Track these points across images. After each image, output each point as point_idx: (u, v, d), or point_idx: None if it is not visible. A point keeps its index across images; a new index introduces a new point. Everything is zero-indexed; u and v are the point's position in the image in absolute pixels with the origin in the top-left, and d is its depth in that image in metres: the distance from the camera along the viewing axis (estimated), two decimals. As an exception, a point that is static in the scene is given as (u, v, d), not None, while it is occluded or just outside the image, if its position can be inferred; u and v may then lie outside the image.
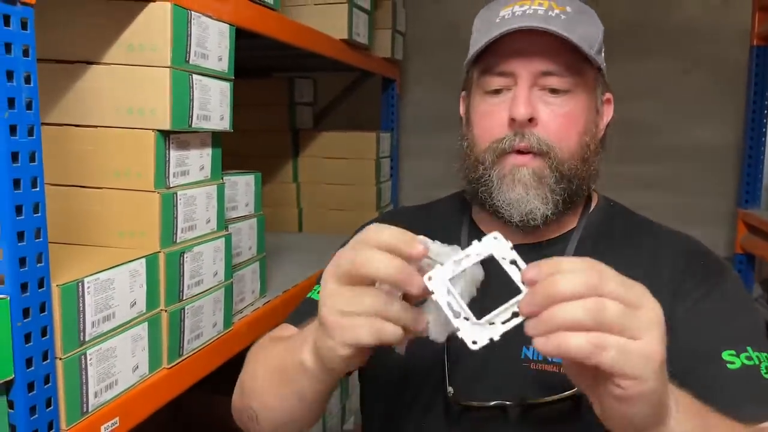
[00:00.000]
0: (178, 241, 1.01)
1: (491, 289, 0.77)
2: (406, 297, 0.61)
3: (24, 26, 0.71)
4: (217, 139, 1.11)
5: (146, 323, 0.94)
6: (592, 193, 0.96)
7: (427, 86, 2.56)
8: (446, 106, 2.54)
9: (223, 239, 1.13)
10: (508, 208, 0.84)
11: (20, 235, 0.71)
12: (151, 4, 0.93)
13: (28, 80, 0.71)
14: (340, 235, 2.15)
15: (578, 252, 0.88)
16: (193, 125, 1.01)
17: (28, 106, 0.72)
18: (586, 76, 0.85)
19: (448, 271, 0.58)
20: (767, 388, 0.74)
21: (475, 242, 0.59)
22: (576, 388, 0.78)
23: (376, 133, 2.19)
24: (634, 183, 2.36)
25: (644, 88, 2.38)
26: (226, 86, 1.10)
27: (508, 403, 0.80)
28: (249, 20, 1.19)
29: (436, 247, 0.61)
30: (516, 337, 0.82)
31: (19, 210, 0.71)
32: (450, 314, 0.57)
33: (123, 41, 0.94)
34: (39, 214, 0.74)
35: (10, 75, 0.69)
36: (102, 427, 0.85)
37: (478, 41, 0.85)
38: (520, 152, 0.83)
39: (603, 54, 0.89)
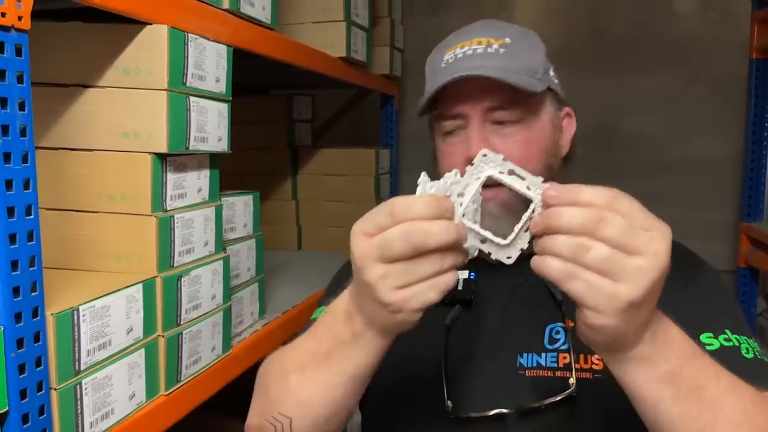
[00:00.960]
0: (175, 264, 1.00)
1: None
2: None
3: (18, 53, 0.70)
4: (215, 160, 1.10)
5: (143, 350, 0.92)
6: None
7: (425, 102, 2.55)
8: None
9: (222, 262, 1.12)
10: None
11: (14, 264, 0.70)
12: (148, 27, 0.92)
13: (22, 107, 0.70)
14: (340, 252, 2.15)
15: None
16: (190, 147, 1.00)
17: (23, 133, 0.71)
18: (533, 102, 0.88)
19: (467, 206, 0.63)
20: (749, 367, 0.74)
21: (468, 167, 0.63)
22: (571, 389, 0.81)
23: (376, 150, 2.19)
24: (635, 197, 2.34)
25: (645, 102, 2.38)
26: (224, 107, 1.10)
27: (506, 411, 0.82)
28: (246, 41, 1.18)
29: (439, 184, 0.64)
30: (510, 347, 0.86)
31: (12, 239, 0.70)
32: (480, 244, 0.63)
33: (119, 64, 0.93)
34: (33, 242, 0.72)
35: (4, 102, 0.68)
36: (98, 458, 0.83)
37: (429, 88, 0.89)
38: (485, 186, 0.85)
39: (552, 72, 0.92)
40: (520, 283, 0.91)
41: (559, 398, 0.80)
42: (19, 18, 0.69)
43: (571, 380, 0.81)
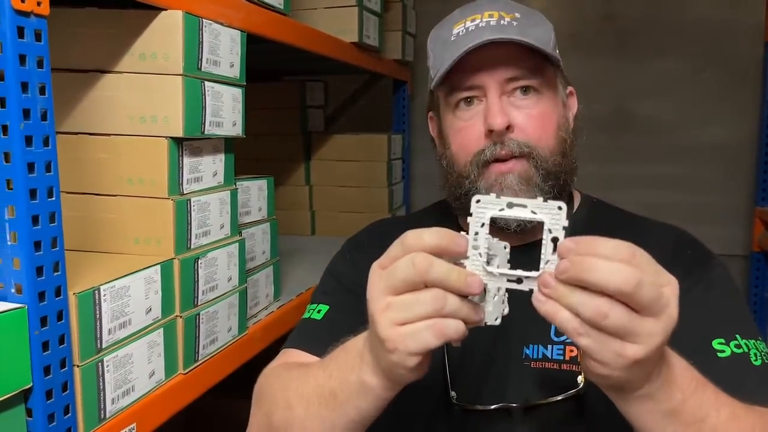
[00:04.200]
0: (192, 247, 1.02)
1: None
2: None
3: (38, 38, 0.71)
4: (229, 144, 1.12)
5: (162, 329, 0.95)
6: (574, 192, 0.98)
7: (438, 87, 2.55)
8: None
9: (237, 244, 1.14)
10: (502, 218, 0.84)
11: (37, 245, 0.72)
12: (163, 13, 0.94)
13: (42, 91, 0.72)
14: (353, 237, 2.15)
15: None
16: (205, 132, 1.01)
17: (43, 117, 0.72)
18: (548, 74, 0.88)
19: (483, 257, 0.59)
20: (756, 374, 0.76)
21: (468, 219, 0.59)
22: (579, 387, 0.80)
23: (388, 135, 2.19)
24: (649, 182, 2.34)
25: (659, 87, 2.36)
26: (238, 92, 1.11)
27: (513, 405, 0.81)
28: (260, 26, 1.19)
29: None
30: (516, 337, 0.85)
31: (35, 220, 0.72)
32: (509, 284, 0.59)
33: (135, 50, 0.95)
34: (55, 224, 0.74)
35: (24, 86, 0.70)
36: (119, 434, 0.86)
37: (440, 62, 0.86)
38: (502, 160, 0.85)
39: (557, 51, 0.91)
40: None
41: (567, 395, 0.80)
42: (38, 3, 0.71)
43: (580, 378, 0.80)
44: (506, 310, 0.60)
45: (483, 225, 0.59)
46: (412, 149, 2.53)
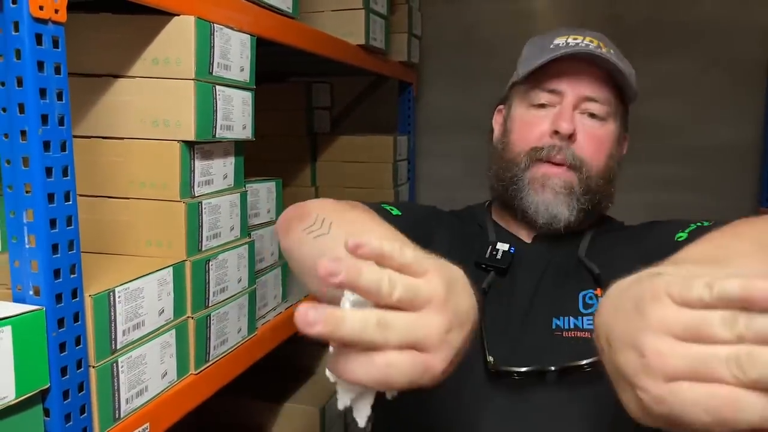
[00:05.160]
0: (203, 249, 1.03)
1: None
2: None
3: (55, 44, 0.73)
4: (239, 147, 1.13)
5: (174, 330, 0.96)
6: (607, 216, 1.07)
7: (442, 88, 2.56)
8: (462, 108, 2.56)
9: (247, 246, 1.15)
10: (535, 209, 0.94)
11: (54, 248, 0.73)
12: (176, 18, 0.95)
13: (60, 97, 0.73)
14: (359, 238, 2.16)
15: (594, 241, 0.98)
16: (217, 135, 1.02)
17: (61, 122, 0.74)
18: (617, 109, 0.97)
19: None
20: (713, 226, 0.79)
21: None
22: None
23: (394, 137, 2.20)
24: (654, 183, 2.34)
25: (664, 87, 2.37)
26: (248, 96, 1.12)
27: (550, 368, 0.84)
28: (269, 30, 1.20)
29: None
30: (544, 311, 0.90)
31: (53, 223, 0.73)
32: None
33: (148, 55, 0.96)
34: (72, 227, 0.76)
35: (43, 92, 0.71)
36: (133, 433, 0.87)
37: (532, 60, 0.94)
38: (554, 164, 0.93)
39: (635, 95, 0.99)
40: (554, 260, 0.95)
41: (597, 359, 0.81)
42: (56, 11, 0.72)
43: None
44: None
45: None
46: (417, 150, 2.54)
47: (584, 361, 0.84)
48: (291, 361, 1.88)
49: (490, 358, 0.86)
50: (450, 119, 2.55)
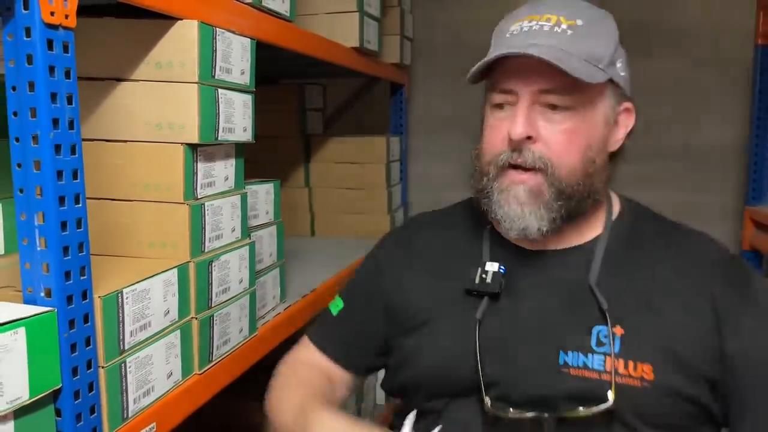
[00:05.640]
0: (206, 250, 1.04)
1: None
2: None
3: (65, 49, 0.74)
4: (240, 149, 1.15)
5: (179, 331, 0.97)
6: (611, 194, 0.98)
7: (432, 89, 2.58)
8: (452, 109, 2.58)
9: (248, 247, 1.16)
10: (504, 222, 0.88)
11: (65, 250, 0.74)
12: (179, 23, 0.96)
13: (70, 101, 0.74)
14: (353, 238, 2.18)
15: (607, 262, 0.89)
16: (219, 138, 1.04)
17: (71, 126, 0.75)
18: (590, 91, 0.85)
19: None
20: None
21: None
22: (612, 402, 0.80)
23: (386, 138, 2.22)
24: (641, 182, 2.37)
25: (650, 88, 2.40)
26: (248, 99, 1.14)
27: (545, 415, 0.82)
28: (268, 33, 1.22)
29: None
30: (551, 342, 0.85)
31: (64, 225, 0.74)
32: None
33: (152, 58, 0.97)
34: (82, 229, 0.77)
35: (54, 97, 0.72)
36: (141, 432, 0.88)
37: (491, 52, 0.88)
38: (519, 167, 0.86)
39: (620, 62, 0.90)
40: (561, 278, 0.89)
41: (600, 409, 0.80)
42: (66, 16, 0.73)
43: (610, 393, 0.80)
44: None
45: None
46: (409, 151, 2.56)
47: (582, 413, 0.80)
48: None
49: (487, 400, 0.84)
50: (441, 120, 2.58)
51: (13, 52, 0.71)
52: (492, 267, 0.90)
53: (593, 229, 0.93)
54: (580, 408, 0.81)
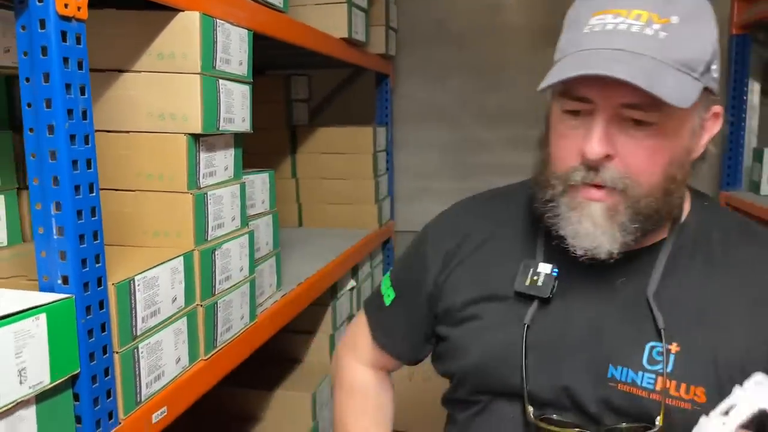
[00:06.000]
0: (209, 239, 1.06)
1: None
2: None
3: (78, 41, 0.75)
4: (239, 139, 1.16)
5: (185, 317, 0.99)
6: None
7: (416, 79, 2.61)
8: (435, 99, 2.62)
9: (247, 236, 1.18)
10: (573, 240, 0.79)
11: (81, 238, 0.76)
12: (181, 14, 0.97)
13: (83, 91, 0.76)
14: (340, 228, 2.20)
15: (667, 271, 0.83)
16: (220, 128, 1.05)
17: (84, 116, 0.76)
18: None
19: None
20: None
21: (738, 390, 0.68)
22: (659, 425, 0.76)
23: (373, 128, 2.25)
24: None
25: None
26: (246, 89, 1.15)
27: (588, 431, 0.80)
28: (263, 24, 1.23)
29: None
30: (601, 354, 0.81)
31: (79, 214, 0.76)
32: None
33: (154, 49, 0.98)
34: (96, 218, 0.78)
35: (68, 87, 0.73)
36: (153, 416, 0.90)
37: (561, 52, 0.78)
38: (594, 185, 0.77)
39: (715, 64, 0.77)
40: (617, 286, 0.83)
41: (640, 425, 0.77)
42: (78, 8, 0.75)
43: (659, 416, 0.76)
44: None
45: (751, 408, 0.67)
46: (395, 141, 2.59)
47: (627, 426, 0.77)
48: (279, 350, 1.91)
49: (530, 409, 0.80)
50: (425, 110, 2.61)
51: (27, 44, 0.72)
52: (545, 269, 0.85)
53: (658, 233, 0.85)
54: (623, 424, 0.78)
